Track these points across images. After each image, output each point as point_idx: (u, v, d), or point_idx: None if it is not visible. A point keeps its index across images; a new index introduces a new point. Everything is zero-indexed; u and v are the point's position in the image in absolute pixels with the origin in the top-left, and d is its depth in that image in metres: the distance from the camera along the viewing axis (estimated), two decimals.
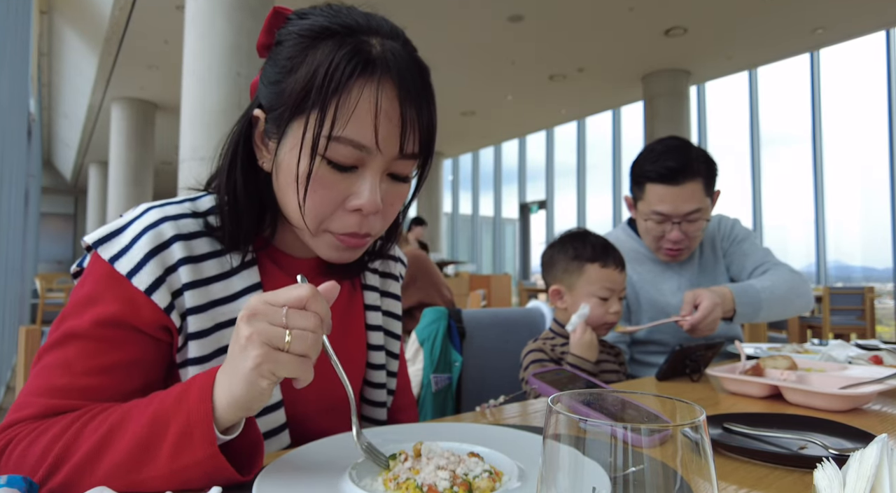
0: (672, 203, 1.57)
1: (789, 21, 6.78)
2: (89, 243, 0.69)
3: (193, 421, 0.55)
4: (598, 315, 1.38)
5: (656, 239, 1.66)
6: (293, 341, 0.53)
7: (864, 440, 0.70)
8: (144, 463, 0.55)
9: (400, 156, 0.67)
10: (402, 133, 0.66)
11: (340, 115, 0.63)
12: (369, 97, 0.64)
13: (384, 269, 0.94)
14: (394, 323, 0.94)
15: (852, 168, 8.71)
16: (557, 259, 1.45)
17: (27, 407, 0.62)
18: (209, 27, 4.31)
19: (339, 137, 0.64)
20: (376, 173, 0.67)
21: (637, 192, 1.66)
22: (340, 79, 0.63)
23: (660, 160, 1.58)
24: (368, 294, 0.90)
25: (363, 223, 0.69)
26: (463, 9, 6.50)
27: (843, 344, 1.41)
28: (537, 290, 9.04)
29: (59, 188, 18.81)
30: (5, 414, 0.62)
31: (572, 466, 0.30)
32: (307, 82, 0.64)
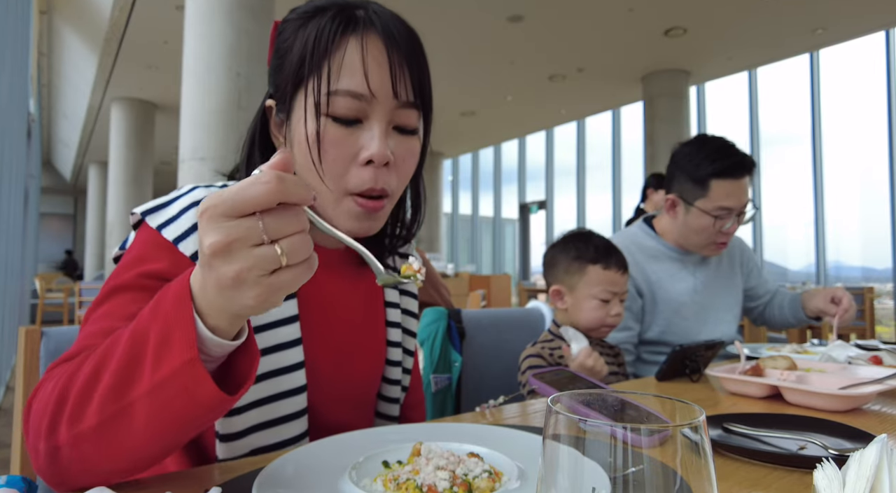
0: (737, 197, 1.63)
1: (789, 21, 6.78)
2: (139, 213, 0.72)
3: (171, 323, 0.48)
4: (598, 317, 1.37)
5: (711, 235, 1.68)
6: (290, 255, 0.45)
7: (864, 441, 0.70)
8: (132, 382, 0.49)
9: (397, 103, 0.70)
10: (392, 78, 0.69)
11: (334, 70, 0.68)
12: (356, 48, 0.68)
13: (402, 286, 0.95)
14: (411, 321, 0.96)
15: (852, 169, 8.72)
16: (559, 259, 1.44)
17: (72, 348, 0.61)
18: (209, 27, 4.31)
19: (335, 91, 0.67)
20: (380, 123, 0.69)
21: (696, 191, 1.67)
22: (328, 40, 0.68)
23: (720, 158, 1.63)
24: (388, 292, 0.92)
25: (378, 177, 0.70)
26: (463, 9, 6.50)
27: (842, 344, 1.41)
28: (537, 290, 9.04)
29: (59, 188, 18.81)
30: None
31: (572, 466, 0.30)
32: (301, 53, 0.69)
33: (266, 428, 0.73)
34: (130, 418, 0.50)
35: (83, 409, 0.51)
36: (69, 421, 0.51)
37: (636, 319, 1.70)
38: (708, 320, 1.75)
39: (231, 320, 0.49)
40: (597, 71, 8.41)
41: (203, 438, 0.76)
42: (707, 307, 1.76)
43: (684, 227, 1.72)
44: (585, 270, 1.39)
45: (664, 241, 1.78)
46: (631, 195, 11.09)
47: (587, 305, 1.38)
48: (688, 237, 1.73)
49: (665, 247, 1.77)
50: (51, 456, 0.53)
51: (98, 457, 0.52)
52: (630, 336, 1.68)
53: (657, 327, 1.71)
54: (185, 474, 0.63)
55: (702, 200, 1.66)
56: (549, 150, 13.28)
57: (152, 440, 0.51)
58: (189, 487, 0.59)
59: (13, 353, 5.43)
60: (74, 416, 0.51)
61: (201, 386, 0.48)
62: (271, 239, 0.44)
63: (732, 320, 1.81)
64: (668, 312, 1.71)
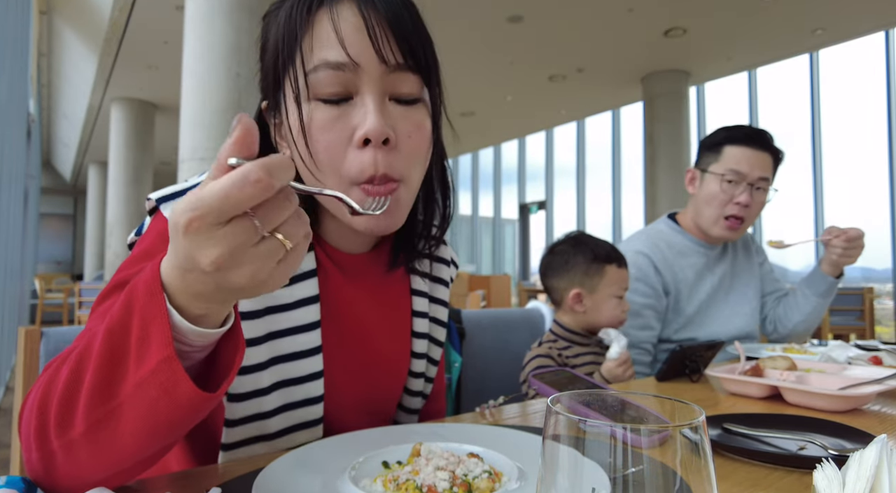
0: (748, 164, 1.64)
1: (789, 22, 6.78)
2: (154, 199, 0.66)
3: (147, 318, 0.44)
4: (616, 315, 1.42)
5: (722, 204, 1.67)
6: (291, 238, 0.42)
7: (864, 441, 0.70)
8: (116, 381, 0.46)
9: (387, 69, 0.62)
10: (372, 39, 0.61)
11: (306, 50, 0.62)
12: (327, 20, 0.62)
13: (435, 273, 0.89)
14: (438, 330, 0.90)
15: (851, 169, 8.72)
16: (575, 262, 1.45)
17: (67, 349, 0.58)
18: (209, 27, 4.31)
19: (313, 68, 0.61)
20: (372, 95, 0.62)
21: (710, 157, 1.70)
22: (298, 22, 0.62)
23: (740, 128, 1.67)
24: (417, 300, 0.85)
25: (378, 159, 0.61)
26: (462, 9, 6.50)
27: (842, 345, 1.41)
28: (537, 290, 9.03)
29: (59, 189, 18.80)
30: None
31: (572, 466, 0.31)
32: (275, 45, 0.65)
33: (277, 438, 0.71)
34: (118, 419, 0.46)
35: (69, 417, 0.47)
36: (57, 429, 0.48)
37: (659, 318, 1.69)
38: (725, 315, 1.74)
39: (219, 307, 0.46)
40: (597, 71, 8.41)
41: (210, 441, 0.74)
42: (725, 303, 1.75)
43: (698, 199, 1.72)
44: (604, 270, 1.42)
45: (689, 235, 1.78)
46: (631, 195, 11.10)
47: (608, 304, 1.41)
48: (700, 212, 1.72)
49: (691, 241, 1.76)
50: (46, 464, 0.50)
51: (92, 463, 0.49)
52: (651, 336, 1.67)
53: (676, 324, 1.70)
54: (185, 474, 0.63)
55: (714, 164, 1.68)
56: (549, 150, 13.28)
57: (142, 443, 0.48)
58: (189, 487, 0.59)
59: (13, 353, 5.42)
60: (61, 424, 0.48)
61: (179, 385, 0.44)
62: (270, 230, 0.41)
63: (750, 313, 1.78)
64: (690, 311, 1.70)
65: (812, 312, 1.76)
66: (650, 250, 1.71)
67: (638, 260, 1.68)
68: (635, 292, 1.65)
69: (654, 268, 1.68)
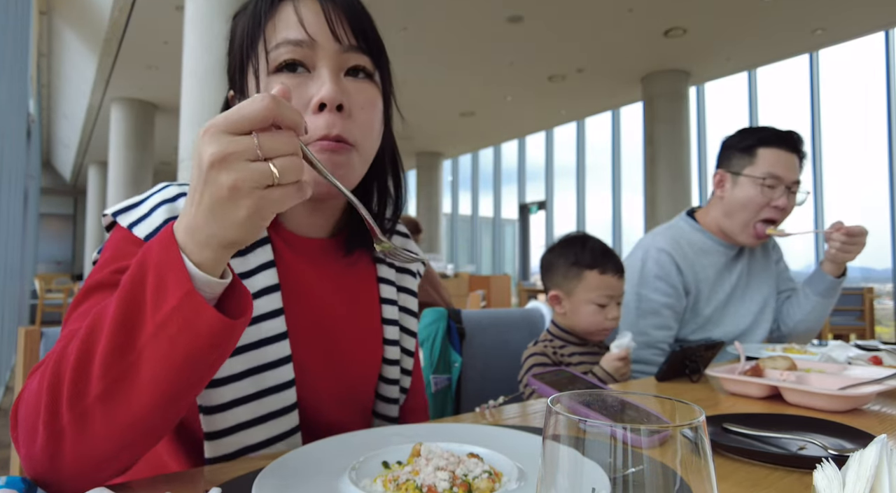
0: (786, 167, 1.62)
1: (789, 22, 6.78)
2: (110, 214, 0.71)
3: (162, 267, 0.49)
4: (596, 322, 1.38)
5: (759, 208, 1.64)
6: (282, 174, 0.47)
7: (864, 441, 0.70)
8: (134, 333, 0.49)
9: (341, 48, 0.70)
10: (329, 22, 0.69)
11: (270, 33, 0.70)
12: (290, 8, 0.70)
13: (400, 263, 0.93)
14: (409, 319, 0.93)
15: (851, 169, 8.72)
16: (556, 264, 1.44)
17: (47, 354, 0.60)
18: (208, 28, 4.31)
19: (275, 45, 0.69)
20: (328, 68, 0.69)
21: (743, 160, 1.66)
22: (262, 13, 0.70)
23: (770, 130, 1.64)
24: (384, 288, 0.88)
25: (333, 122, 0.68)
26: (462, 9, 6.50)
27: (842, 345, 1.41)
28: (537, 290, 9.04)
29: (59, 189, 18.81)
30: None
31: (572, 466, 0.31)
32: (241, 35, 0.72)
33: (255, 425, 0.72)
34: (137, 371, 0.49)
35: (84, 383, 0.49)
36: (70, 402, 0.50)
37: (677, 319, 1.66)
38: (743, 313, 1.73)
39: (216, 251, 0.50)
40: (596, 71, 8.41)
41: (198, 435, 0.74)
42: (744, 302, 1.74)
43: (730, 203, 1.67)
44: (583, 275, 1.39)
45: (709, 233, 1.74)
46: (631, 195, 11.10)
47: (585, 310, 1.38)
48: (732, 216, 1.68)
49: (711, 240, 1.73)
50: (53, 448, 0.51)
51: (104, 431, 0.50)
52: (668, 336, 1.64)
53: (694, 324, 1.69)
54: (185, 474, 0.63)
55: (749, 167, 1.64)
56: (549, 150, 13.28)
57: (160, 395, 0.50)
58: (189, 487, 0.59)
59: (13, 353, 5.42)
60: (75, 394, 0.50)
61: (202, 314, 0.49)
62: (266, 156, 0.47)
63: (768, 312, 1.77)
64: (709, 310, 1.69)
65: (812, 311, 1.75)
66: (673, 249, 1.67)
67: (661, 258, 1.65)
68: (656, 291, 1.63)
69: (676, 267, 1.65)
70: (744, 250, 1.78)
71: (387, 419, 0.89)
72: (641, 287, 1.65)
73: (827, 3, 6.34)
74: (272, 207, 0.48)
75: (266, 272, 0.74)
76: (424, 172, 13.44)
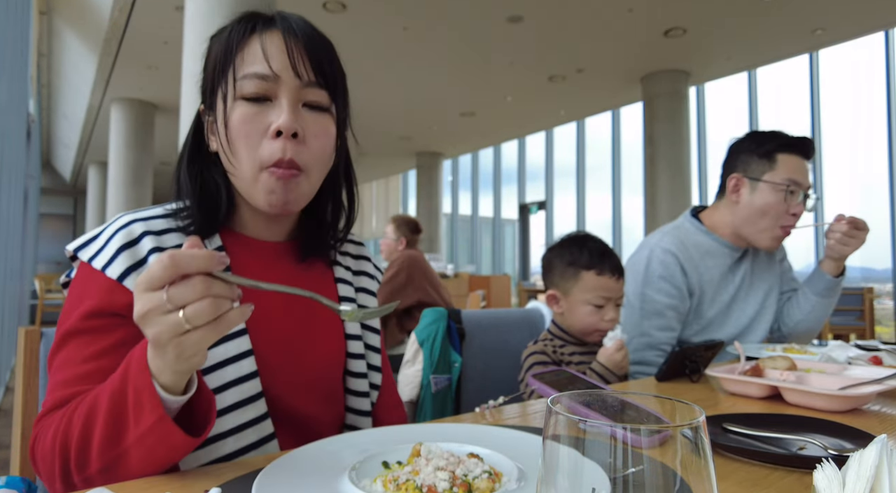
0: (804, 173, 1.62)
1: (788, 22, 6.78)
2: (70, 250, 0.78)
3: (139, 389, 0.58)
4: (592, 323, 1.37)
5: (779, 215, 1.63)
6: (192, 319, 0.53)
7: (864, 441, 0.70)
8: (121, 434, 0.59)
9: (301, 83, 0.77)
10: (291, 59, 0.76)
11: (239, 63, 0.77)
12: (258, 42, 0.77)
13: (357, 267, 1.00)
14: None
15: (851, 169, 8.72)
16: (554, 264, 1.44)
17: (45, 404, 0.70)
18: (208, 28, 4.31)
19: (243, 76, 0.76)
20: (287, 100, 0.76)
21: (762, 165, 1.64)
22: (235, 41, 0.78)
23: (787, 136, 1.64)
24: (342, 287, 0.94)
25: (287, 148, 0.75)
26: (462, 9, 6.50)
27: (842, 345, 1.41)
28: (537, 290, 9.04)
29: (59, 189, 18.80)
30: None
31: (572, 467, 0.31)
32: (216, 57, 0.79)
33: (223, 414, 0.74)
34: (126, 460, 0.60)
35: (86, 460, 0.61)
36: (77, 469, 0.62)
37: (680, 320, 1.65)
38: (749, 314, 1.72)
39: (173, 377, 0.58)
40: (596, 71, 8.41)
41: None
42: (747, 303, 1.73)
43: (749, 209, 1.65)
44: (580, 275, 1.38)
45: (714, 235, 1.73)
46: (631, 195, 11.10)
47: (581, 310, 1.38)
48: (752, 222, 1.66)
49: (717, 242, 1.72)
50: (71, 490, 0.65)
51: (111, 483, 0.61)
52: (671, 337, 1.64)
53: (697, 326, 1.68)
54: (185, 474, 0.63)
55: (769, 173, 1.62)
56: (549, 150, 13.28)
57: (147, 473, 0.62)
58: (189, 487, 0.59)
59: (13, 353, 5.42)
60: (80, 465, 0.62)
61: (172, 436, 0.59)
62: (175, 307, 0.53)
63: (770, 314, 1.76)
64: (712, 313, 1.68)
65: (812, 311, 1.74)
66: (678, 250, 1.66)
67: (666, 259, 1.64)
68: (660, 292, 1.62)
69: (680, 268, 1.64)
70: (748, 250, 1.77)
71: (359, 412, 0.92)
72: (645, 287, 1.64)
73: (827, 3, 6.34)
74: (194, 348, 0.55)
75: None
76: (424, 172, 13.44)
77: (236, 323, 0.56)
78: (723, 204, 1.74)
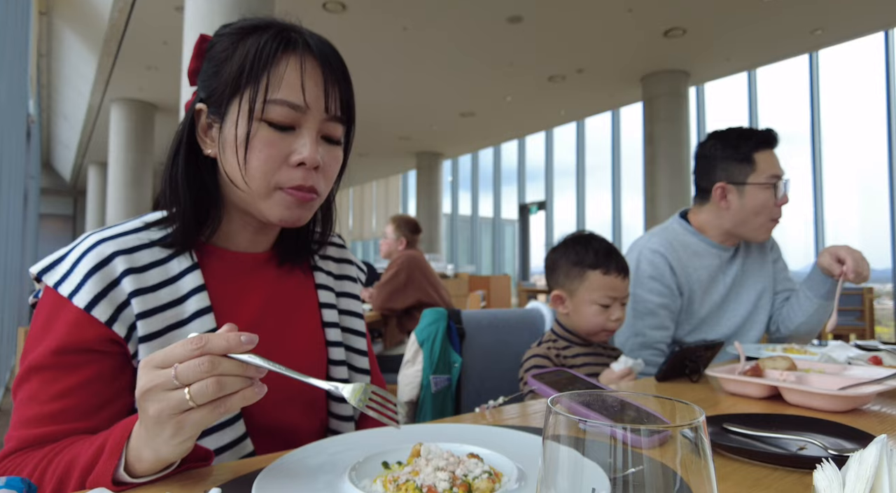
0: (778, 163, 1.69)
1: (788, 22, 6.78)
2: (34, 274, 0.74)
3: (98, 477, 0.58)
4: (598, 323, 1.37)
5: (771, 211, 1.68)
6: (195, 398, 0.53)
7: (864, 441, 0.70)
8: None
9: (327, 116, 0.78)
10: (325, 95, 0.77)
11: (272, 82, 0.75)
12: (295, 66, 0.76)
13: (339, 271, 1.00)
14: (355, 321, 0.98)
15: (851, 169, 8.72)
16: (560, 264, 1.44)
17: (10, 441, 0.69)
18: (208, 28, 4.29)
19: (274, 100, 0.74)
20: (311, 132, 0.77)
21: (744, 169, 1.68)
22: (269, 54, 0.75)
23: (753, 133, 1.69)
24: (322, 293, 0.94)
25: (308, 177, 0.77)
26: (462, 9, 6.50)
27: (842, 345, 1.41)
28: (537, 291, 9.04)
29: (59, 189, 18.79)
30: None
31: (572, 467, 0.30)
32: (241, 63, 0.76)
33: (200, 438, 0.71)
34: None
35: None
36: None
37: (673, 318, 1.67)
38: (742, 313, 1.74)
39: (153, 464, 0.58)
40: (596, 72, 8.41)
41: None
42: (739, 302, 1.74)
43: (741, 212, 1.69)
44: (585, 275, 1.38)
45: (703, 236, 1.75)
46: (631, 196, 11.10)
47: (587, 310, 1.37)
48: (747, 222, 1.70)
49: (705, 242, 1.75)
50: None
51: None
52: (666, 336, 1.65)
53: (688, 325, 1.70)
54: (185, 474, 0.63)
55: (753, 175, 1.67)
56: (549, 150, 13.28)
57: None
58: (189, 487, 0.59)
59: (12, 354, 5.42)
60: None
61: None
62: (182, 384, 0.53)
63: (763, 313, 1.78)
64: (702, 312, 1.70)
65: (815, 314, 1.74)
66: (666, 250, 1.69)
67: (655, 259, 1.67)
68: (651, 292, 1.64)
69: (669, 267, 1.67)
70: (739, 250, 1.79)
71: (341, 418, 0.91)
72: (636, 288, 1.66)
73: (827, 3, 6.34)
74: (193, 428, 0.55)
75: (196, 296, 0.78)
76: (424, 173, 13.43)
77: (237, 407, 0.56)
78: (707, 208, 1.76)
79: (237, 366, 0.55)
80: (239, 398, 0.56)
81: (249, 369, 0.56)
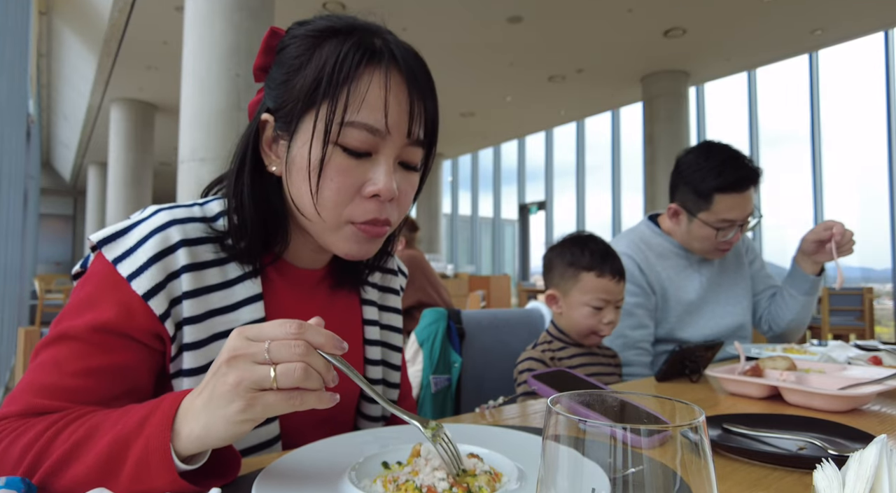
0: (740, 210, 1.63)
1: (788, 22, 6.79)
2: (94, 242, 0.69)
3: (151, 449, 0.53)
4: (590, 325, 1.36)
5: (714, 243, 1.68)
6: (279, 377, 0.51)
7: (864, 441, 0.70)
8: (106, 481, 0.54)
9: (408, 142, 0.69)
10: (410, 117, 0.68)
11: (352, 101, 0.66)
12: (379, 83, 0.67)
13: (384, 283, 0.95)
14: (394, 336, 0.95)
15: (851, 169, 8.72)
16: (555, 264, 1.43)
17: (16, 403, 0.63)
18: (208, 28, 4.31)
19: (352, 122, 0.66)
20: (389, 159, 0.69)
21: (699, 203, 1.66)
22: (350, 68, 0.66)
23: (726, 172, 1.62)
24: (367, 309, 0.90)
25: (382, 209, 0.70)
26: (462, 9, 6.50)
27: (842, 345, 1.41)
28: (536, 291, 9.04)
29: (59, 189, 18.79)
30: None
31: (572, 467, 0.30)
32: (317, 75, 0.67)
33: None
34: None
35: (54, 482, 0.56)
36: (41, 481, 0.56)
37: (651, 316, 1.69)
38: (717, 314, 1.75)
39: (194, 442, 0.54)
40: (596, 72, 8.41)
41: None
42: (716, 302, 1.76)
43: (687, 235, 1.73)
44: (579, 276, 1.37)
45: (671, 239, 1.78)
46: (631, 195, 11.10)
47: (579, 312, 1.36)
48: (690, 244, 1.74)
49: (672, 245, 1.77)
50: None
51: None
52: (646, 334, 1.66)
53: (668, 324, 1.71)
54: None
55: (704, 212, 1.65)
56: (549, 150, 13.28)
57: None
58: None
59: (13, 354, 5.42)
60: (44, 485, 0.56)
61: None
62: (272, 361, 0.51)
63: (742, 311, 1.79)
64: (679, 309, 1.71)
65: (801, 309, 1.78)
66: (633, 251, 1.72)
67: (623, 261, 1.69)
68: (626, 293, 1.65)
69: (637, 267, 1.69)
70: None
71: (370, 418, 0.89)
72: None
73: (827, 3, 6.34)
74: (262, 410, 0.52)
75: (252, 305, 0.75)
76: None
77: (310, 405, 0.53)
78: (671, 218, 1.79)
79: (325, 364, 0.53)
80: (314, 398, 0.53)
81: (331, 373, 0.54)
